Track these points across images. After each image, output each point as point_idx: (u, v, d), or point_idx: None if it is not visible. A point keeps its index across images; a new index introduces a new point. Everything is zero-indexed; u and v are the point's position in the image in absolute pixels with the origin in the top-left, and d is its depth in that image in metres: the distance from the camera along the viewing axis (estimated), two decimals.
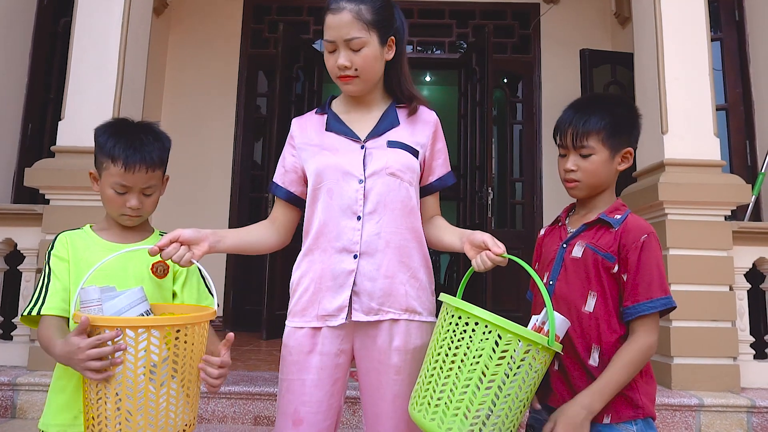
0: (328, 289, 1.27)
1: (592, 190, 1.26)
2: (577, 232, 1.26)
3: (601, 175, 1.24)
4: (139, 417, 1.04)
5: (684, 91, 2.86)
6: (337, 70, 1.28)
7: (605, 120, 1.23)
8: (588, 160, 1.23)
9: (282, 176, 1.39)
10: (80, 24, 2.94)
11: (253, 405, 2.45)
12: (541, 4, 4.88)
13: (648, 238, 1.17)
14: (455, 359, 1.05)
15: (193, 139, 4.71)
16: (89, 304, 1.10)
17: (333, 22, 1.25)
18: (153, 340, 1.04)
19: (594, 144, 1.23)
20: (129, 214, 1.27)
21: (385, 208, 1.28)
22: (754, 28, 3.84)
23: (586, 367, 1.17)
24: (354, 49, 1.25)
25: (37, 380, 2.53)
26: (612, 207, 1.25)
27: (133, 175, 1.24)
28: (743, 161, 3.79)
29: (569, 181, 1.26)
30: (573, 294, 1.21)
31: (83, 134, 2.80)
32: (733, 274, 2.75)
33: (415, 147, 1.34)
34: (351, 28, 1.24)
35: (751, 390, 2.68)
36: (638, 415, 1.15)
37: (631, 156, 1.27)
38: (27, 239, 2.89)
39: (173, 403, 1.07)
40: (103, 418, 1.05)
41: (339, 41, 1.25)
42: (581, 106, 1.27)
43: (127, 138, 1.26)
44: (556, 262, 1.26)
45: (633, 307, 1.15)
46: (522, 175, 4.90)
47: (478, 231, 1.25)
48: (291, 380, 1.28)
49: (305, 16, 4.97)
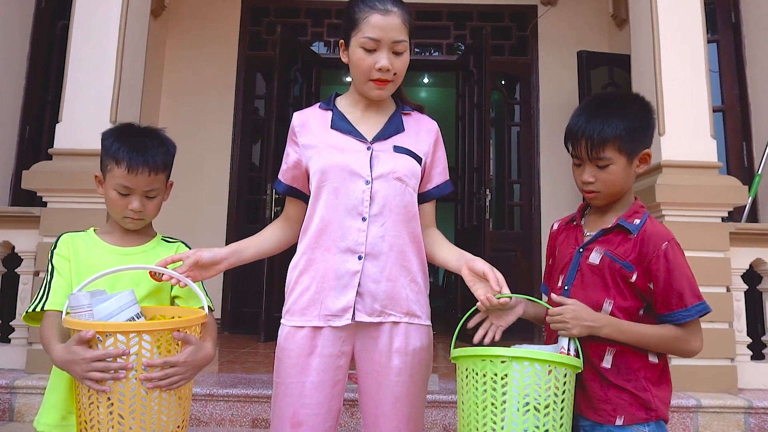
0: (332, 289, 1.26)
1: (612, 198, 1.24)
2: (594, 237, 1.23)
3: (621, 183, 1.22)
4: (131, 420, 1.05)
5: (681, 93, 2.86)
6: (375, 71, 1.26)
7: (620, 127, 1.17)
8: (606, 170, 1.19)
9: (285, 173, 1.40)
10: (78, 26, 2.94)
11: (251, 408, 2.45)
12: (539, 5, 4.89)
13: (669, 245, 1.16)
14: (505, 404, 1.05)
15: (191, 141, 4.70)
16: (79, 310, 1.11)
17: (381, 22, 1.25)
18: (144, 345, 1.05)
19: (611, 154, 1.18)
20: (131, 216, 1.29)
21: (390, 212, 1.28)
22: (750, 30, 3.85)
23: (599, 370, 1.17)
24: (398, 52, 1.27)
25: (35, 383, 2.53)
26: (631, 210, 1.23)
27: (135, 177, 1.26)
28: (740, 163, 3.80)
29: (588, 192, 1.23)
30: (589, 301, 1.19)
31: (81, 137, 2.80)
32: (731, 276, 2.76)
33: (419, 154, 1.35)
34: (399, 32, 1.26)
35: (748, 391, 2.69)
36: (651, 418, 1.15)
37: (649, 157, 1.24)
38: (24, 242, 2.89)
39: (165, 405, 1.08)
40: (96, 422, 1.06)
41: (386, 42, 1.25)
42: (594, 112, 1.21)
43: (132, 141, 1.29)
44: (572, 267, 1.24)
45: (669, 315, 1.16)
46: (520, 176, 4.91)
47: (479, 259, 1.26)
48: (289, 383, 1.27)
49: (303, 18, 4.97)
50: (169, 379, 1.09)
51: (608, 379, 1.16)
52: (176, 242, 1.41)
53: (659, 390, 1.17)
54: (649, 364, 1.18)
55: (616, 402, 1.15)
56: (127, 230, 1.34)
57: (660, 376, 1.18)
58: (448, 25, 4.99)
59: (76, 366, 1.05)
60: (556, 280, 1.28)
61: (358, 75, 1.29)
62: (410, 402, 1.28)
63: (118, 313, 1.11)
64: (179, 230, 2.93)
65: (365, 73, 1.28)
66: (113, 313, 1.11)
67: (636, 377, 1.16)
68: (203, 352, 1.16)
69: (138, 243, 1.35)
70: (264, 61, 4.81)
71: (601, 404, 1.16)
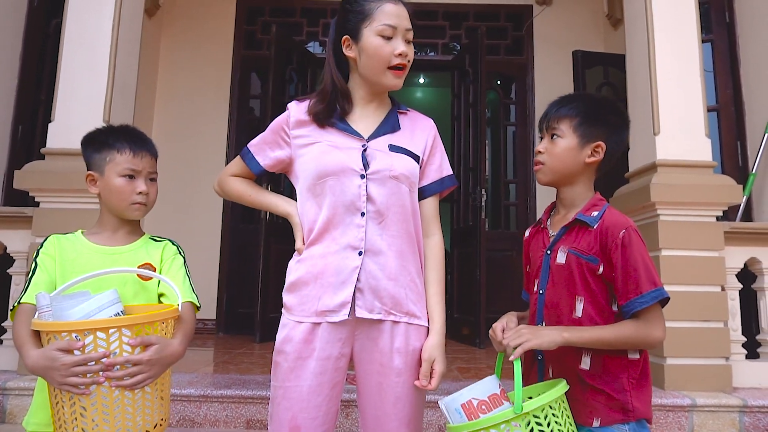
0: (330, 285, 1.26)
1: (556, 176, 1.27)
2: (557, 237, 1.26)
3: (566, 161, 1.25)
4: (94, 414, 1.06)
5: (676, 93, 2.87)
6: (394, 57, 1.29)
7: (580, 108, 1.26)
8: (556, 143, 1.26)
9: (265, 157, 1.39)
10: (71, 25, 2.92)
11: (245, 409, 2.44)
12: (534, 5, 4.90)
13: (627, 233, 1.16)
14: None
15: (186, 141, 4.69)
16: (41, 311, 1.13)
17: (395, 10, 1.30)
18: (100, 342, 1.05)
19: (564, 128, 1.26)
20: (139, 201, 1.32)
21: (388, 210, 1.28)
22: (744, 30, 3.87)
23: (577, 372, 1.17)
24: (408, 40, 1.32)
25: (27, 384, 2.51)
26: (588, 204, 1.24)
27: (141, 160, 1.33)
28: (734, 162, 3.82)
29: (536, 164, 1.29)
30: (562, 301, 1.21)
31: (74, 136, 2.76)
32: (725, 275, 2.76)
33: (415, 152, 1.35)
34: (408, 21, 1.32)
35: (743, 390, 2.69)
36: (629, 419, 1.15)
37: (602, 151, 1.25)
38: (17, 242, 2.87)
39: (130, 404, 1.09)
40: (62, 422, 1.07)
41: (401, 29, 1.30)
42: (564, 96, 1.32)
43: (125, 132, 1.37)
44: (543, 271, 1.26)
45: (626, 305, 1.15)
46: (515, 176, 4.91)
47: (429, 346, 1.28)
48: (288, 387, 1.25)
49: (298, 18, 4.96)
50: (134, 378, 1.08)
51: (586, 381, 1.16)
52: (163, 241, 1.41)
53: (639, 391, 1.17)
54: (630, 362, 1.17)
55: (592, 404, 1.16)
56: (116, 229, 1.35)
57: (641, 376, 1.18)
58: (443, 24, 4.99)
59: (55, 372, 1.04)
60: (533, 285, 1.29)
61: (376, 64, 1.30)
62: (410, 402, 1.27)
63: (96, 313, 1.11)
64: (174, 230, 2.91)
65: (384, 61, 1.29)
66: (91, 313, 1.10)
67: (617, 378, 1.16)
68: (170, 350, 1.15)
69: (126, 242, 1.35)
70: (259, 60, 4.80)
71: (578, 406, 1.16)
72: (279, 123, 1.38)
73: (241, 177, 1.45)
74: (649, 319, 1.15)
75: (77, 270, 1.23)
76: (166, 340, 1.15)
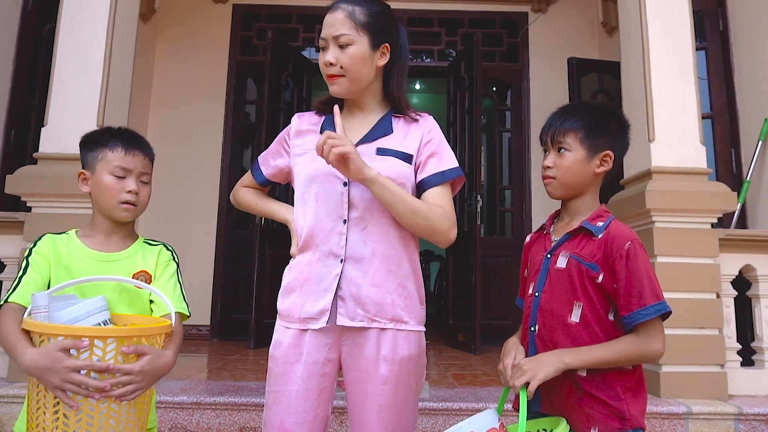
0: (312, 293, 1.26)
1: (567, 190, 1.26)
2: (560, 242, 1.25)
3: (577, 174, 1.24)
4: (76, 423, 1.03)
5: (670, 100, 2.88)
6: (324, 67, 1.30)
7: (584, 120, 1.25)
8: (564, 157, 1.25)
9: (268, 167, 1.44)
10: (65, 29, 2.90)
11: (239, 416, 2.41)
12: (530, 12, 4.92)
13: (632, 245, 1.16)
14: None
15: (181, 146, 4.67)
16: (36, 311, 1.10)
17: (327, 20, 1.30)
18: (96, 351, 1.03)
19: (571, 141, 1.24)
20: (128, 200, 1.28)
21: (372, 216, 1.27)
22: (738, 38, 3.89)
23: (574, 378, 1.17)
24: (341, 45, 1.28)
25: (17, 392, 2.47)
26: (594, 214, 1.24)
27: (133, 158, 1.30)
28: (729, 169, 3.83)
29: (546, 178, 1.28)
30: (558, 305, 1.20)
31: (66, 141, 2.76)
32: (720, 282, 2.76)
33: (407, 152, 1.32)
34: (341, 26, 1.28)
35: (738, 397, 2.69)
36: (626, 427, 1.14)
37: (610, 160, 1.26)
38: (8, 247, 2.84)
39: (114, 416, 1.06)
40: (41, 428, 1.05)
41: (329, 38, 1.29)
42: (565, 108, 1.30)
43: (119, 132, 1.35)
44: (540, 274, 1.26)
45: (628, 317, 1.14)
46: (511, 182, 4.92)
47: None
48: (278, 392, 1.26)
49: (294, 24, 4.97)
50: (124, 388, 1.06)
51: (583, 387, 1.15)
52: (159, 244, 1.40)
53: (635, 400, 1.16)
54: (625, 371, 1.17)
55: (590, 413, 1.15)
56: (109, 233, 1.32)
57: (636, 384, 1.18)
58: (439, 31, 5.01)
59: (54, 374, 1.01)
60: (528, 288, 1.29)
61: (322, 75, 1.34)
62: (396, 411, 1.26)
63: (84, 318, 1.09)
64: (168, 236, 2.89)
65: (323, 71, 1.33)
66: (79, 317, 1.09)
67: (612, 386, 1.15)
68: (162, 361, 1.13)
69: (121, 247, 1.32)
70: (255, 66, 4.79)
71: (576, 415, 1.16)
72: (282, 134, 1.43)
73: (251, 188, 1.49)
74: (650, 333, 1.15)
75: (71, 275, 1.21)
76: (159, 350, 1.13)
